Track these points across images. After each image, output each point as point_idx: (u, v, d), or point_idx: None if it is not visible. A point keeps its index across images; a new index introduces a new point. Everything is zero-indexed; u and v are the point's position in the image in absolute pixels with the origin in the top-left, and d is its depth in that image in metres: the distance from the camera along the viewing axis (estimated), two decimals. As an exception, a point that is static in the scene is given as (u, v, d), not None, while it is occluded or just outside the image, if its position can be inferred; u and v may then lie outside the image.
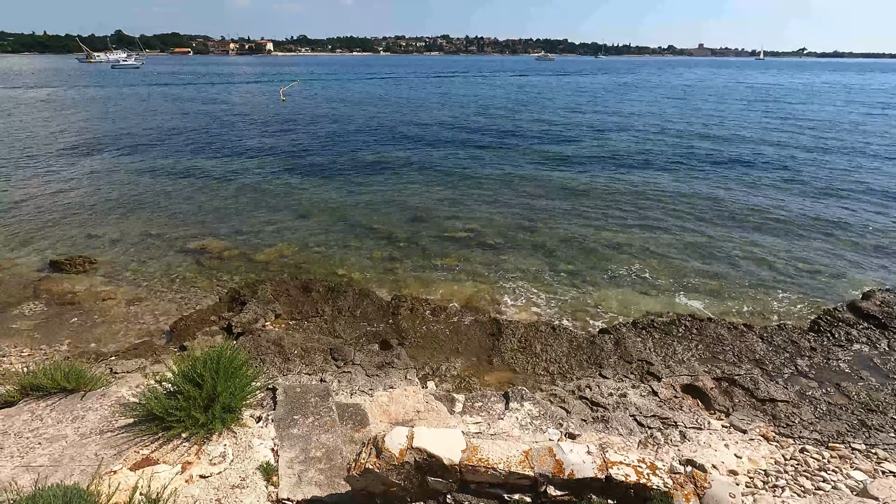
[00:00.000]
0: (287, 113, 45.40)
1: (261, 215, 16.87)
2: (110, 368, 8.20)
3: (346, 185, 21.00)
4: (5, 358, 8.63)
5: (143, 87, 74.02)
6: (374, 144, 30.07)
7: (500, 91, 71.58)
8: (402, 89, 74.29)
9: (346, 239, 14.93)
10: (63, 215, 16.74)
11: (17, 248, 13.82)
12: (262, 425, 4.93)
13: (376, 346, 9.34)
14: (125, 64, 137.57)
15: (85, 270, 12.36)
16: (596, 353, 9.18)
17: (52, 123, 37.82)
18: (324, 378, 7.88)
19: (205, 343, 9.26)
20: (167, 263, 13.04)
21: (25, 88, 68.70)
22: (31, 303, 10.80)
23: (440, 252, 14.11)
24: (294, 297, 11.05)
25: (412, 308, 10.76)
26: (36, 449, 4.46)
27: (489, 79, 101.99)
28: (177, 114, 44.22)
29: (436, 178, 22.07)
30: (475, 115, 44.25)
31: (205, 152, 27.36)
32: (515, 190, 20.30)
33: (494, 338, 9.76)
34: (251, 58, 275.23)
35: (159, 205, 17.96)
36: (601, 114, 45.30)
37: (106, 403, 5.11)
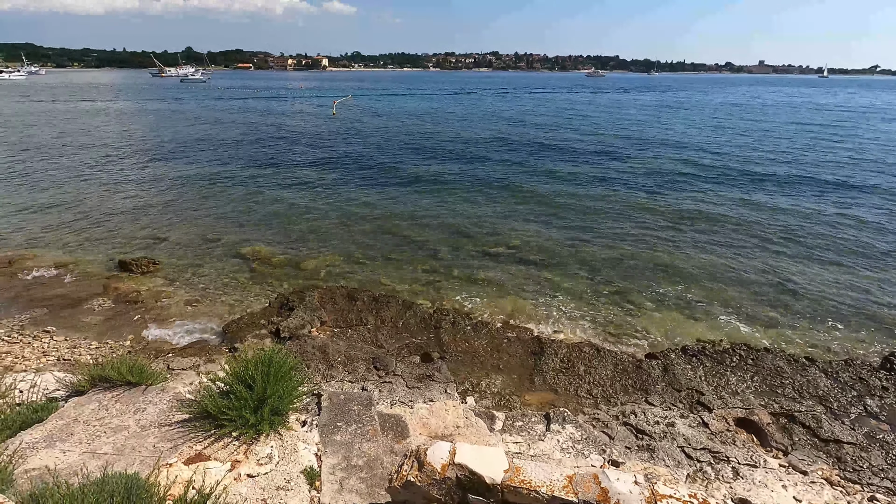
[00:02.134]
0: (337, 127, 46.96)
1: (309, 224, 17.45)
2: (167, 365, 8.65)
3: (391, 197, 21.41)
4: (76, 349, 9.29)
5: (208, 100, 78.76)
6: (420, 159, 30.57)
7: (547, 107, 71.26)
8: (448, 105, 75.36)
9: (390, 250, 15.18)
10: (131, 218, 17.95)
11: (91, 248, 14.91)
12: (307, 430, 5.06)
13: (417, 358, 9.40)
14: (193, 78, 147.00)
15: (148, 271, 13.16)
16: (642, 379, 8.85)
17: (124, 133, 40.85)
18: (365, 387, 7.99)
19: (254, 346, 9.62)
20: (222, 267, 13.68)
21: (102, 101, 74.52)
22: (101, 299, 11.58)
23: (482, 266, 14.09)
24: (339, 305, 11.31)
25: (454, 322, 10.78)
26: (101, 437, 4.75)
27: (536, 95, 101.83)
28: (236, 126, 46.71)
29: (479, 193, 22.14)
30: (521, 131, 44.21)
31: (260, 163, 28.68)
32: (560, 207, 20.04)
33: (536, 356, 9.61)
34: (307, 73, 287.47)
35: (217, 211, 18.93)
36: (649, 131, 44.18)
37: (165, 398, 5.40)
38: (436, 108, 69.71)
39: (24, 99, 76.24)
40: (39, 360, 8.92)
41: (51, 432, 4.69)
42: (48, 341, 9.58)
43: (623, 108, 69.41)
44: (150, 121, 50.09)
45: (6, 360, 8.76)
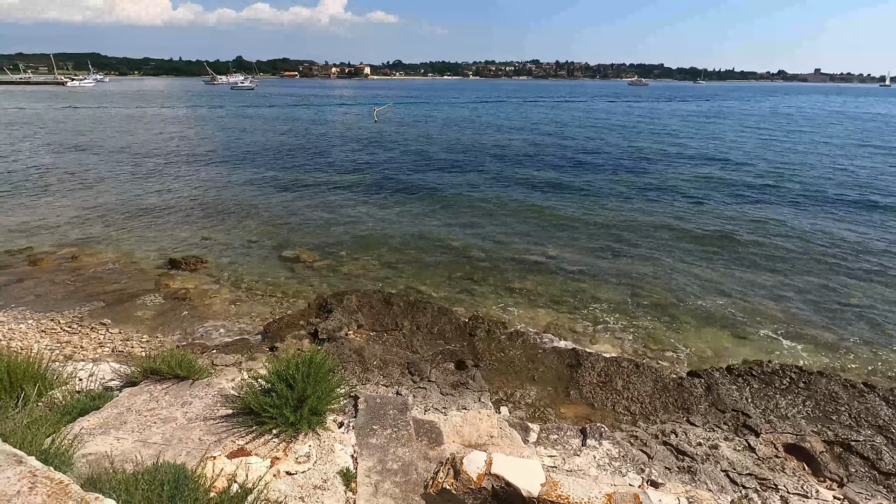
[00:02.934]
0: (378, 133, 47.83)
1: (349, 229, 17.81)
2: (212, 361, 8.99)
3: (428, 203, 21.59)
4: (129, 342, 9.79)
5: (256, 107, 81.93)
6: (457, 166, 30.71)
7: (585, 116, 70.27)
8: (486, 113, 75.51)
9: (426, 257, 15.28)
10: (182, 219, 18.83)
11: (144, 246, 15.72)
12: (344, 431, 5.14)
13: (452, 365, 9.40)
14: (242, 86, 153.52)
15: (196, 269, 13.74)
16: (684, 397, 8.54)
17: (179, 138, 42.99)
18: (400, 391, 8.05)
19: (293, 346, 9.89)
20: (264, 268, 14.13)
21: (159, 108, 78.68)
22: (152, 295, 12.18)
23: (519, 276, 13.98)
24: (376, 309, 11.47)
25: (489, 330, 10.73)
26: (151, 427, 4.98)
27: (575, 104, 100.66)
28: (281, 132, 48.36)
29: (516, 201, 22.02)
30: (558, 140, 43.76)
31: (303, 168, 29.54)
32: (598, 217, 19.67)
33: (572, 369, 9.44)
34: (350, 81, 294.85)
35: (261, 213, 19.60)
36: (688, 142, 42.81)
37: (210, 393, 5.60)
38: (473, 116, 69.98)
39: (91, 105, 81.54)
40: (96, 350, 9.46)
41: (106, 420, 4.95)
42: (104, 333, 10.15)
43: (662, 118, 67.64)
44: (201, 126, 52.59)
45: (66, 348, 9.33)
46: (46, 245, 15.49)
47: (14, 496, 2.26)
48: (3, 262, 13.90)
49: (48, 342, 9.52)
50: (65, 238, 16.30)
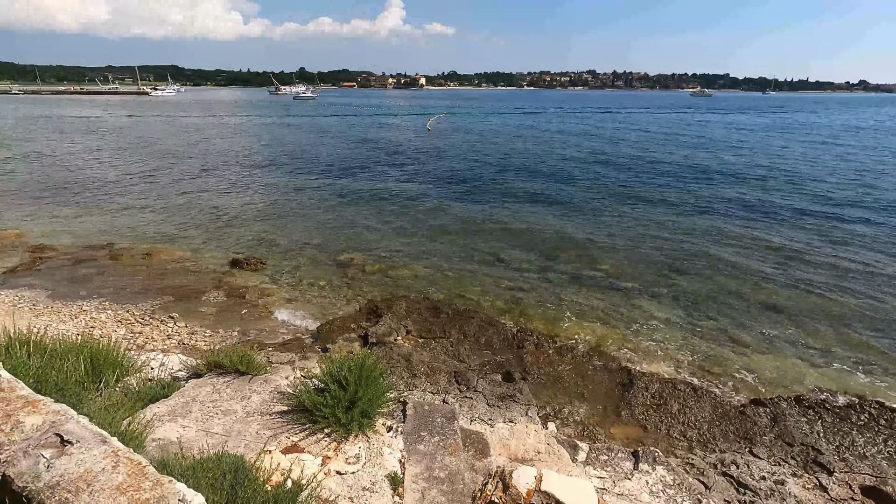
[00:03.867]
0: (431, 143, 48.53)
1: (400, 236, 18.13)
2: (268, 358, 9.38)
3: (479, 213, 21.61)
4: (194, 335, 10.40)
5: (316, 116, 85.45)
6: (510, 176, 30.58)
7: (640, 127, 68.12)
8: (539, 123, 74.87)
9: (476, 266, 15.28)
10: (245, 221, 19.85)
11: (210, 245, 16.69)
12: (393, 436, 5.20)
13: (499, 376, 9.32)
14: (304, 96, 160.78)
15: (256, 269, 14.42)
16: (746, 427, 8.02)
17: (245, 144, 45.48)
18: (446, 399, 8.07)
19: (344, 348, 10.14)
20: (319, 271, 14.62)
21: (229, 116, 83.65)
22: (215, 292, 12.89)
23: (570, 289, 13.69)
24: (424, 316, 11.57)
25: (537, 343, 10.56)
26: (213, 418, 5.25)
27: (631, 115, 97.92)
28: (339, 140, 50.11)
29: (568, 213, 21.63)
30: (613, 151, 42.65)
31: (358, 175, 30.42)
32: (656, 232, 18.95)
33: (624, 388, 9.10)
34: (405, 91, 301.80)
35: (317, 218, 20.33)
36: (752, 156, 40.45)
37: (267, 389, 5.85)
38: (525, 126, 69.60)
39: (170, 113, 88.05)
40: (164, 342, 10.11)
41: (174, 408, 5.27)
42: (172, 326, 10.84)
43: (722, 130, 64.44)
44: (265, 134, 55.49)
45: (139, 339, 10.03)
46: (125, 242, 16.77)
47: (100, 472, 2.45)
48: (88, 256, 15.18)
49: (124, 332, 10.27)
50: (141, 236, 17.59)
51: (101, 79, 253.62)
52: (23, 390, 3.11)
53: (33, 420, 2.82)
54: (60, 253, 15.41)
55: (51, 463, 2.48)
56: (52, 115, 79.33)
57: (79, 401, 4.18)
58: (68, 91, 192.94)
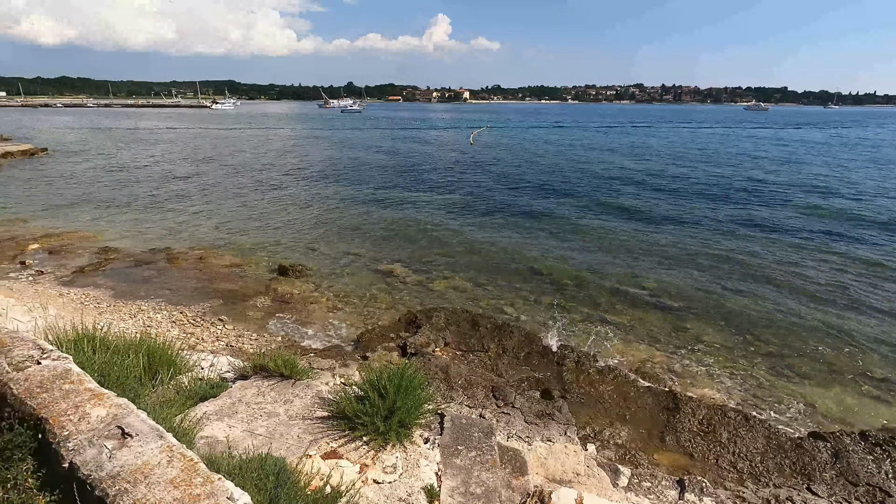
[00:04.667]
0: (473, 156, 48.79)
1: (441, 247, 18.24)
2: (309, 363, 9.59)
3: (520, 226, 21.47)
4: (241, 338, 10.80)
5: (362, 129, 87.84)
6: (551, 190, 30.27)
7: (689, 142, 65.91)
8: (583, 137, 73.91)
9: (515, 280, 15.14)
10: (292, 229, 20.56)
11: (259, 252, 17.36)
12: (430, 447, 5.20)
13: (537, 393, 9.15)
14: (351, 109, 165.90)
15: (301, 276, 14.85)
16: (804, 462, 7.50)
17: (294, 155, 47.24)
18: (483, 414, 7.99)
19: (383, 357, 10.25)
20: (361, 280, 14.90)
21: (280, 128, 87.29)
22: (263, 297, 13.36)
23: (612, 307, 13.33)
24: (463, 328, 11.55)
25: (578, 361, 10.31)
26: (257, 420, 5.42)
27: (680, 129, 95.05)
28: (384, 151, 51.24)
29: (612, 229, 21.13)
30: (660, 167, 41.45)
31: (401, 186, 30.95)
32: (705, 250, 18.20)
33: (669, 413, 8.73)
34: (449, 105, 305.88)
35: (360, 228, 20.77)
36: (816, 172, 38.22)
37: (309, 394, 5.98)
38: (569, 140, 68.86)
39: (228, 125, 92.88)
40: (214, 343, 10.54)
41: (221, 408, 5.48)
42: (221, 328, 11.30)
43: (783, 145, 61.40)
44: (314, 146, 57.54)
45: (191, 339, 10.51)
46: (181, 246, 17.70)
47: (156, 466, 2.58)
48: (148, 259, 16.11)
49: (177, 332, 10.80)
50: (196, 241, 18.52)
51: (166, 93, 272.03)
52: (90, 384, 3.33)
53: (98, 412, 3.01)
54: (124, 255, 16.44)
55: (113, 454, 2.63)
56: (121, 127, 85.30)
57: (137, 396, 4.42)
58: (136, 104, 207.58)
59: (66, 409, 3.01)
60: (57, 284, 13.64)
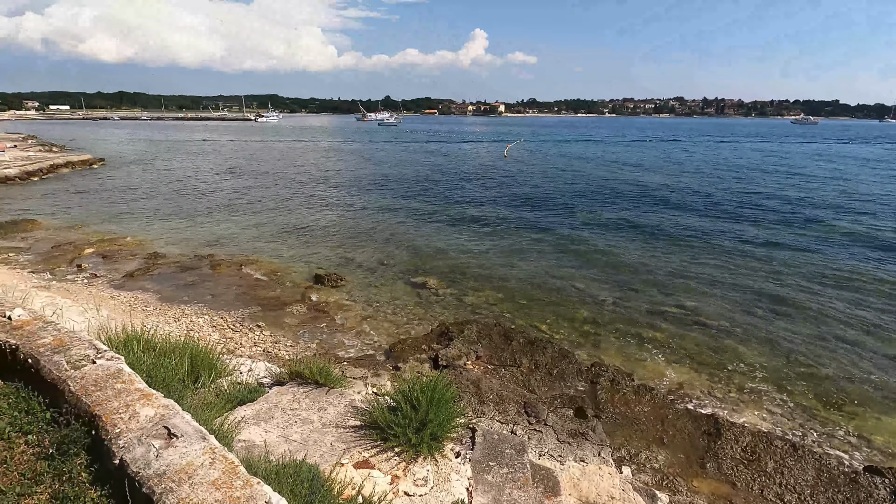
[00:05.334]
0: (508, 168, 48.74)
1: (474, 260, 18.22)
2: (343, 372, 9.72)
3: (554, 240, 21.22)
4: (277, 345, 11.07)
5: (398, 141, 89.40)
6: (587, 203, 29.85)
7: (731, 156, 63.72)
8: (619, 151, 72.71)
9: (549, 295, 14.94)
10: (329, 238, 21.01)
11: (297, 261, 17.81)
12: (461, 462, 5.16)
13: (570, 411, 8.95)
14: (387, 122, 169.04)
15: (336, 286, 15.12)
16: (859, 497, 7.02)
17: (330, 166, 48.46)
18: (514, 430, 7.87)
19: (414, 368, 10.28)
20: (394, 290, 15.03)
21: (319, 141, 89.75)
22: (299, 305, 13.67)
23: (650, 325, 12.94)
24: (495, 342, 11.46)
25: (613, 380, 10.04)
26: (292, 426, 5.53)
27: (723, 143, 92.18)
28: (419, 164, 51.89)
29: (648, 244, 20.60)
30: (699, 180, 40.22)
31: (436, 199, 31.20)
32: (753, 268, 17.47)
33: (710, 437, 8.36)
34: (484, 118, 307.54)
35: (394, 239, 21.02)
36: (869, 191, 36.16)
37: (342, 402, 6.06)
38: (604, 154, 67.90)
39: (272, 138, 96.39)
40: (251, 348, 10.84)
41: (258, 412, 5.62)
42: (259, 334, 11.61)
43: (833, 161, 58.53)
44: (350, 158, 58.93)
45: (230, 344, 10.84)
46: (224, 253, 18.37)
47: (199, 467, 2.67)
48: (193, 265, 16.79)
49: (217, 336, 11.17)
50: (238, 248, 19.19)
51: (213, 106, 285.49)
52: (139, 384, 3.49)
53: (147, 412, 3.14)
54: (171, 261, 17.19)
55: (159, 453, 2.74)
56: (171, 139, 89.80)
57: (180, 397, 4.59)
58: (185, 117, 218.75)
59: (117, 407, 3.16)
60: (109, 287, 14.38)
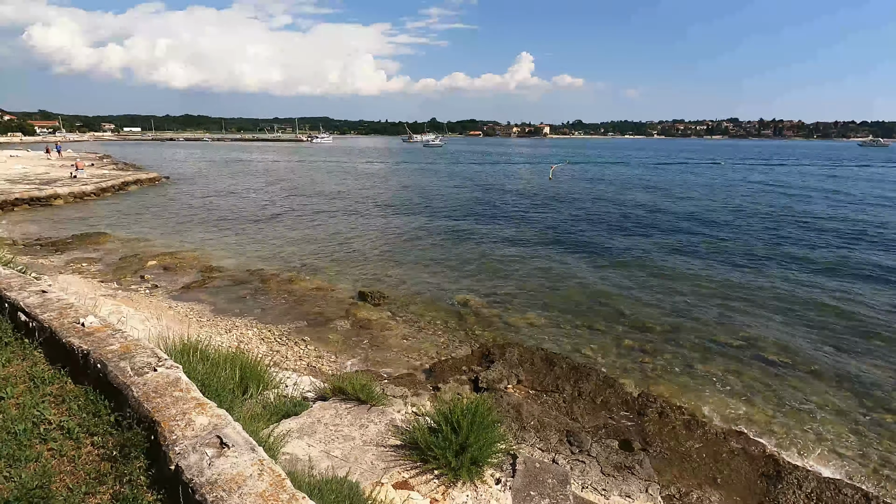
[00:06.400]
0: (552, 190, 48.32)
1: (517, 281, 18.04)
2: (383, 389, 9.78)
3: (600, 264, 20.71)
4: (321, 359, 11.29)
5: (443, 163, 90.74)
6: (634, 228, 29.03)
7: (794, 179, 60.41)
8: (666, 174, 70.62)
9: (594, 320, 14.53)
10: (373, 256, 21.43)
11: (342, 277, 18.23)
12: (501, 489, 5.04)
13: (616, 443, 8.58)
14: (432, 144, 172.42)
15: (379, 304, 15.33)
16: (946, 559, 6.30)
17: (376, 186, 49.69)
18: (556, 459, 7.62)
19: (454, 389, 10.20)
20: (436, 310, 15.07)
21: (366, 161, 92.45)
22: (342, 321, 13.94)
23: (703, 356, 12.30)
24: (537, 367, 11.23)
25: (661, 412, 9.58)
26: (334, 441, 5.59)
27: (782, 166, 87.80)
28: (464, 185, 52.37)
29: (705, 271, 19.70)
30: (752, 205, 38.30)
31: (480, 219, 31.29)
32: (818, 299, 16.35)
33: (769, 480, 7.79)
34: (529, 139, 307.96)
35: (438, 259, 21.16)
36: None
37: (383, 420, 6.09)
38: (652, 176, 66.13)
39: (323, 158, 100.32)
40: (296, 362, 11.11)
41: (302, 426, 5.73)
42: (304, 348, 11.90)
43: None
44: (396, 178, 60.29)
45: (276, 357, 11.16)
46: (273, 268, 19.07)
47: (248, 478, 2.74)
48: (244, 279, 17.52)
49: (265, 349, 11.53)
50: (286, 264, 19.88)
51: (269, 128, 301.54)
52: (195, 392, 3.65)
53: (201, 420, 3.27)
54: (225, 274, 18.01)
55: (212, 461, 2.84)
56: (230, 159, 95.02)
57: (231, 407, 4.75)
58: (243, 138, 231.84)
59: (174, 414, 3.31)
60: (167, 297, 15.20)
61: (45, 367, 4.40)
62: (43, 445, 3.39)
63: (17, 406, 3.83)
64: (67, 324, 4.78)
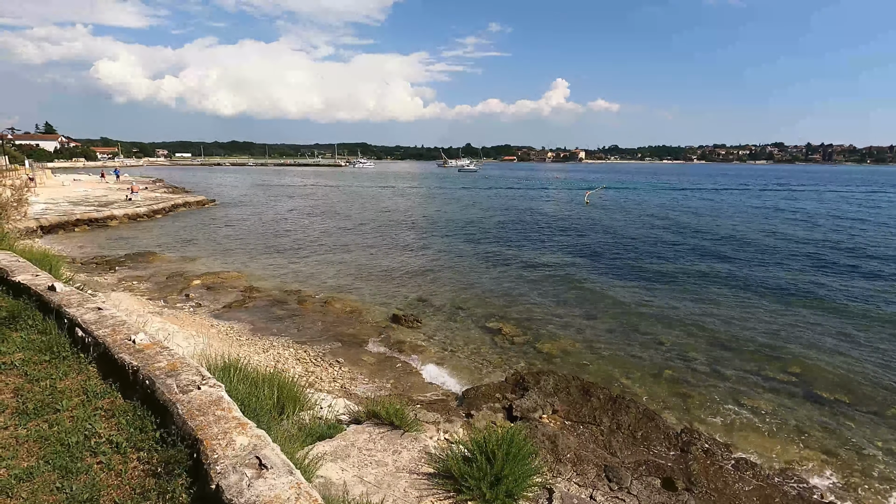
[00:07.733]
0: (589, 216, 47.69)
1: (553, 308, 17.73)
2: (415, 414, 9.70)
3: (638, 291, 20.13)
4: (354, 381, 11.35)
5: (478, 188, 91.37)
6: (674, 254, 28.16)
7: (853, 206, 57.41)
8: (706, 199, 68.54)
9: (633, 349, 14.07)
10: (407, 279, 21.57)
11: (377, 300, 18.41)
12: (537, 525, 4.87)
13: (657, 481, 8.17)
14: (467, 168, 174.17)
15: (412, 327, 15.36)
16: None
17: (411, 210, 50.38)
18: (594, 496, 7.31)
19: (487, 417, 10.02)
20: (469, 336, 14.96)
21: (402, 186, 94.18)
22: (376, 343, 14.01)
23: (750, 391, 11.66)
24: (573, 396, 10.90)
25: (707, 450, 9.08)
26: (367, 467, 5.56)
27: (838, 192, 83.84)
28: (498, 209, 52.49)
29: (751, 301, 18.82)
30: (802, 232, 36.51)
31: (514, 244, 31.15)
32: (878, 332, 15.31)
33: (829, 531, 7.19)
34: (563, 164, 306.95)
35: (471, 284, 21.09)
36: None
37: (416, 447, 6.02)
38: (692, 202, 64.33)
39: (359, 183, 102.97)
40: (330, 384, 11.19)
41: (336, 449, 5.73)
42: (338, 370, 12.00)
43: None
44: (430, 201, 61.11)
45: (311, 377, 11.29)
46: (310, 289, 19.48)
47: (285, 501, 2.76)
48: (282, 299, 17.96)
49: (300, 370, 11.69)
50: (323, 286, 20.27)
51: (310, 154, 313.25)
52: (236, 412, 3.73)
53: (242, 440, 3.33)
54: (264, 294, 18.53)
55: (251, 482, 2.88)
56: (273, 183, 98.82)
57: (268, 428, 4.82)
58: (285, 163, 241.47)
59: (216, 433, 3.39)
60: (210, 316, 15.72)
61: (97, 382, 4.61)
62: (93, 458, 3.52)
63: (71, 419, 4.02)
64: (120, 340, 5.01)
